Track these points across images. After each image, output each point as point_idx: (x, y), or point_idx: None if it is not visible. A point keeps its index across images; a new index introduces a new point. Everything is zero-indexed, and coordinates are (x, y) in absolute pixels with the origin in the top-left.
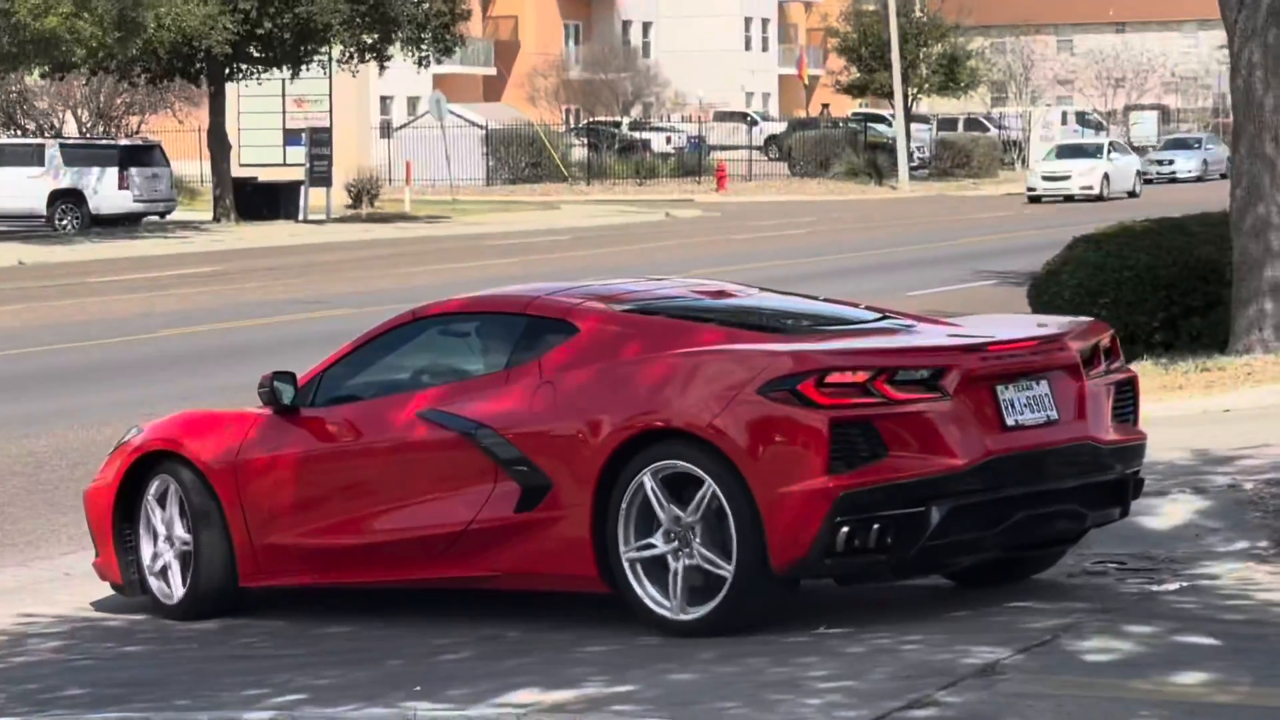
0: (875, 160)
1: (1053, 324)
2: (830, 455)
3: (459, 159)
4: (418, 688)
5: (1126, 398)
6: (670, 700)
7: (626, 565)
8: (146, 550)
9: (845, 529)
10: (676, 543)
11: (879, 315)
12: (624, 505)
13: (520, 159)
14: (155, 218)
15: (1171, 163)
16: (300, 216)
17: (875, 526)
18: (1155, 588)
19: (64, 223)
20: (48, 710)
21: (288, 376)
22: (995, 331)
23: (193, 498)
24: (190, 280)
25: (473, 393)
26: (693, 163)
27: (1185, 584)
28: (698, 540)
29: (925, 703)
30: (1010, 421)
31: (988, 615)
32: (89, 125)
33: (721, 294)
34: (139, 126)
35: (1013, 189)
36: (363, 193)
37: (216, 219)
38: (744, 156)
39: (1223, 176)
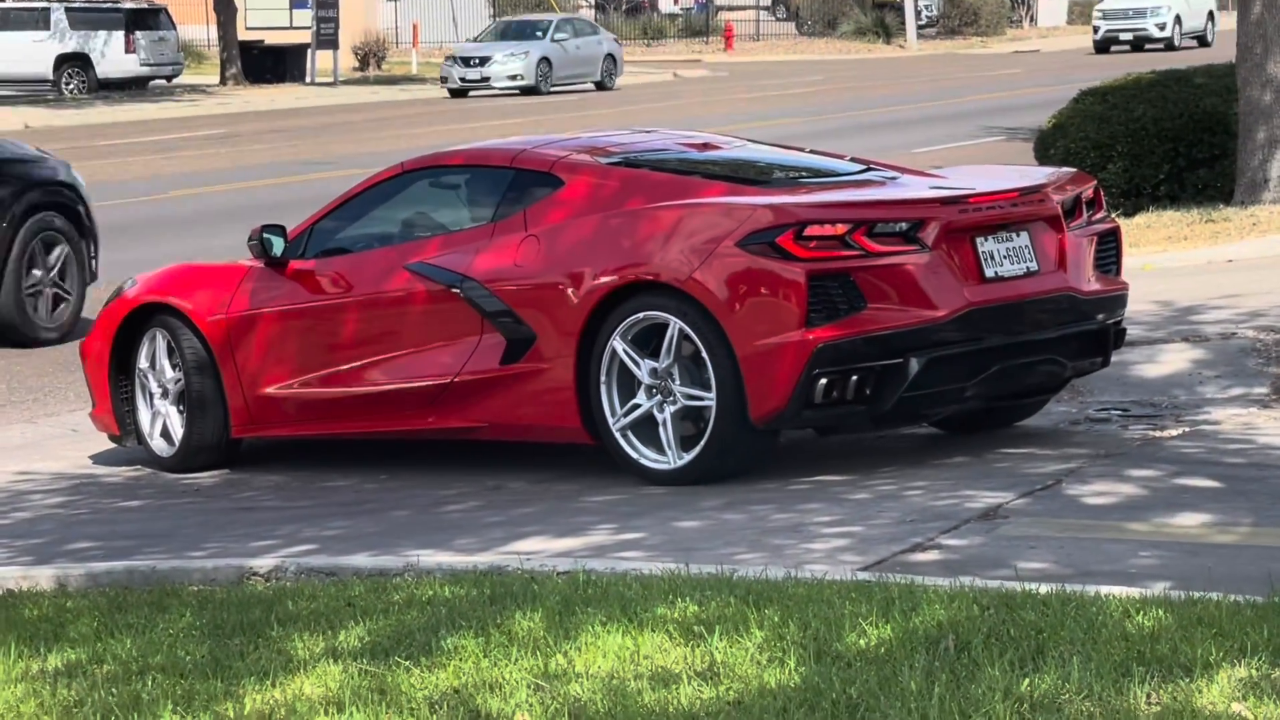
0: (883, 19)
1: (1034, 175)
2: (808, 308)
3: (466, 21)
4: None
5: (1109, 249)
6: (676, 546)
7: (618, 435)
8: (141, 402)
9: (823, 381)
10: (660, 396)
11: (863, 167)
12: (603, 375)
13: None
14: (162, 81)
15: None
16: (307, 79)
17: (854, 378)
18: (1157, 433)
19: (70, 87)
20: (54, 562)
21: (277, 229)
22: (977, 183)
23: (185, 350)
24: (197, 143)
25: (459, 246)
26: (700, 23)
27: (1187, 429)
28: (676, 392)
29: (928, 546)
30: (990, 273)
31: (990, 461)
32: None
33: (707, 146)
34: None
35: (1021, 47)
36: (370, 55)
37: (223, 82)
38: (752, 17)
39: None
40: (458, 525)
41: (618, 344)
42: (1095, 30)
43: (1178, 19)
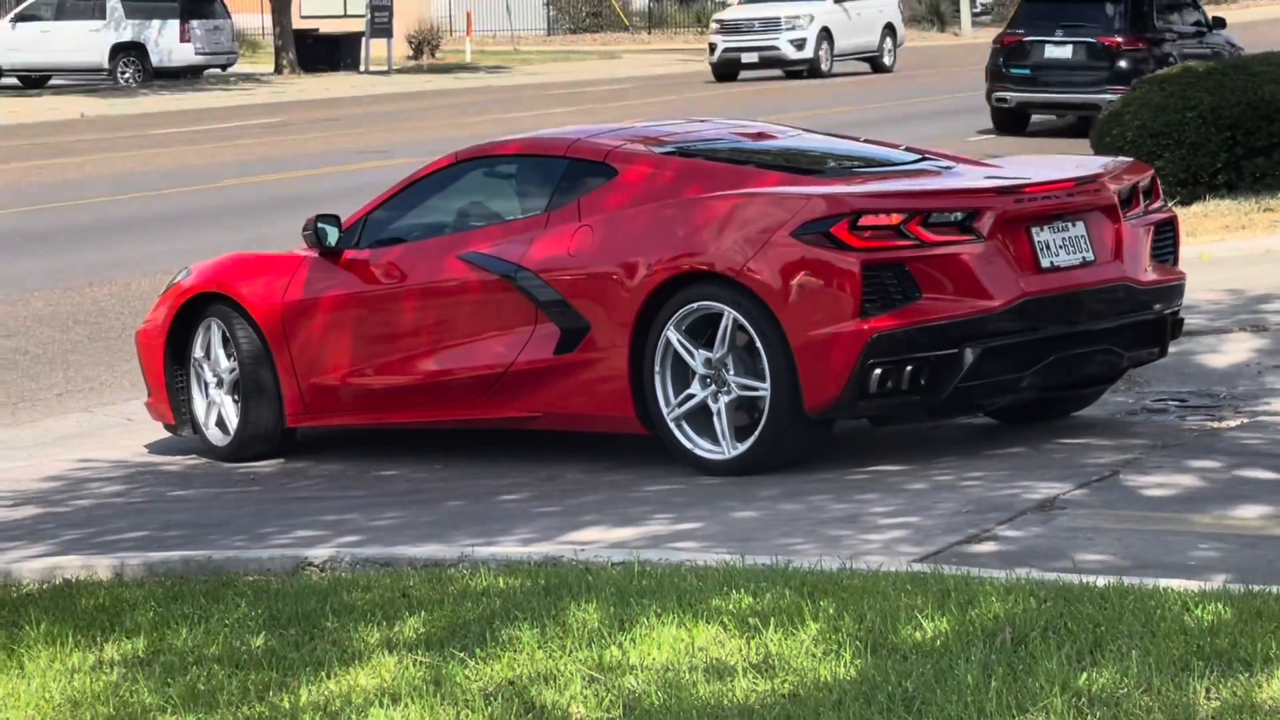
0: (938, 6)
1: (1091, 165)
2: (863, 298)
3: (520, 9)
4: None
5: (1166, 238)
6: (733, 536)
7: (672, 425)
8: (197, 391)
9: (878, 371)
10: (714, 386)
11: (918, 157)
12: (657, 365)
13: (581, 9)
14: (217, 70)
15: None
16: (361, 68)
17: (909, 368)
18: (1216, 424)
19: (125, 76)
20: (111, 551)
21: (332, 219)
22: (1032, 173)
23: (240, 339)
24: (252, 131)
25: (513, 235)
26: None
27: (1246, 420)
28: (731, 372)
29: (984, 537)
30: (1045, 263)
31: (1048, 452)
32: None
33: (762, 135)
34: None
35: None
36: (424, 44)
37: (278, 71)
38: None
39: None
40: (512, 515)
41: (672, 334)
42: (712, 50)
43: (826, 34)
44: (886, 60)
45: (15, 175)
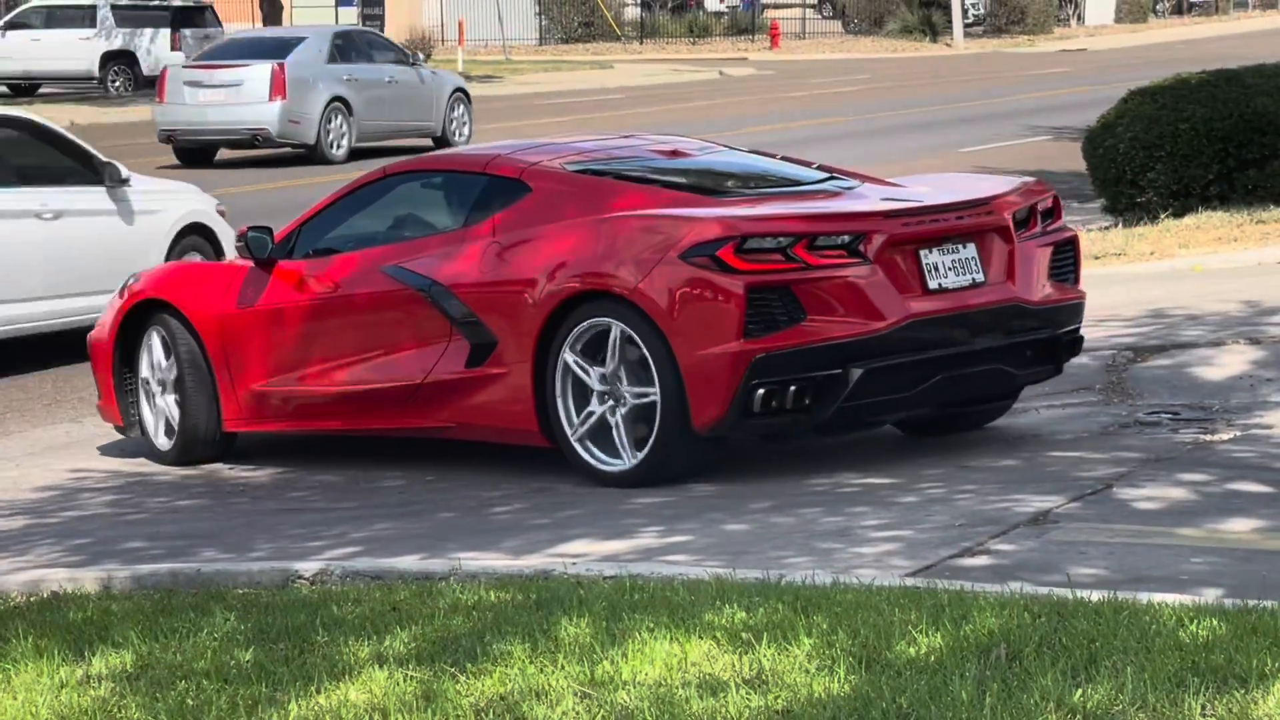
0: (929, 17)
1: (988, 186)
2: (746, 320)
3: (512, 18)
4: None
5: (1065, 258)
6: (724, 549)
7: (577, 445)
8: (144, 396)
9: (762, 391)
10: (612, 401)
11: (825, 176)
12: (558, 381)
13: (573, 18)
14: None
15: None
16: None
17: (793, 388)
18: (1208, 437)
19: (116, 84)
20: (101, 563)
21: (263, 230)
22: (926, 195)
23: (179, 346)
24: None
25: (431, 250)
26: (746, 21)
27: (1239, 433)
28: (625, 386)
29: (977, 551)
30: (933, 284)
31: (1040, 465)
32: None
33: (677, 153)
34: None
35: (1068, 45)
36: (415, 52)
37: None
38: (798, 15)
39: None
40: (504, 527)
41: (568, 354)
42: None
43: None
44: None
45: None
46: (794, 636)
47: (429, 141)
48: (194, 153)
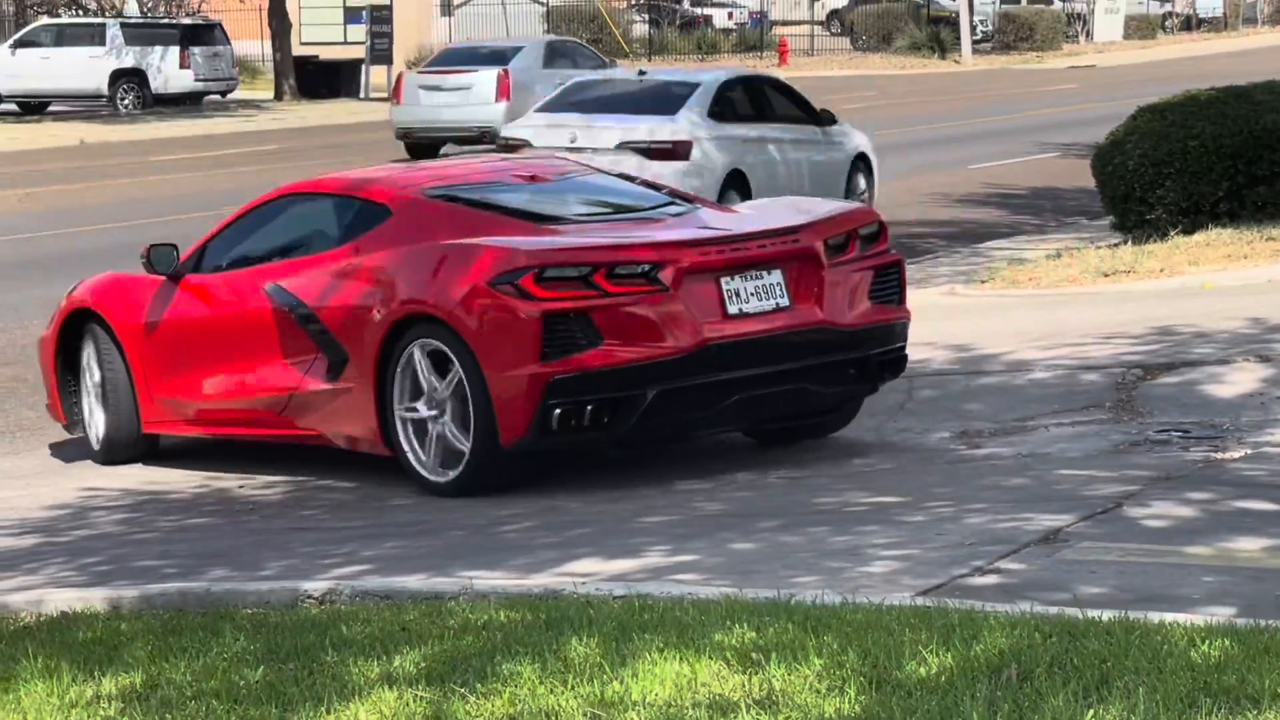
0: (938, 34)
1: (807, 213)
2: (543, 344)
3: (520, 36)
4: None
5: (886, 281)
6: (733, 569)
7: (398, 421)
8: (84, 397)
9: (559, 410)
10: (435, 410)
11: (665, 202)
12: (398, 371)
13: (581, 37)
14: (217, 97)
15: None
16: (362, 94)
17: (589, 408)
18: (1219, 455)
19: (126, 102)
20: (111, 582)
21: (169, 247)
22: (745, 223)
23: (102, 352)
24: (252, 158)
25: (304, 269)
26: (754, 38)
27: (1249, 451)
28: (447, 415)
29: (987, 570)
30: (733, 309)
31: (1050, 484)
32: (150, 5)
33: (535, 178)
34: (200, 5)
35: (1077, 62)
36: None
37: (278, 97)
38: (806, 31)
39: None
40: (513, 546)
41: (401, 369)
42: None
43: None
44: None
45: (15, 202)
46: (804, 656)
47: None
48: (423, 148)
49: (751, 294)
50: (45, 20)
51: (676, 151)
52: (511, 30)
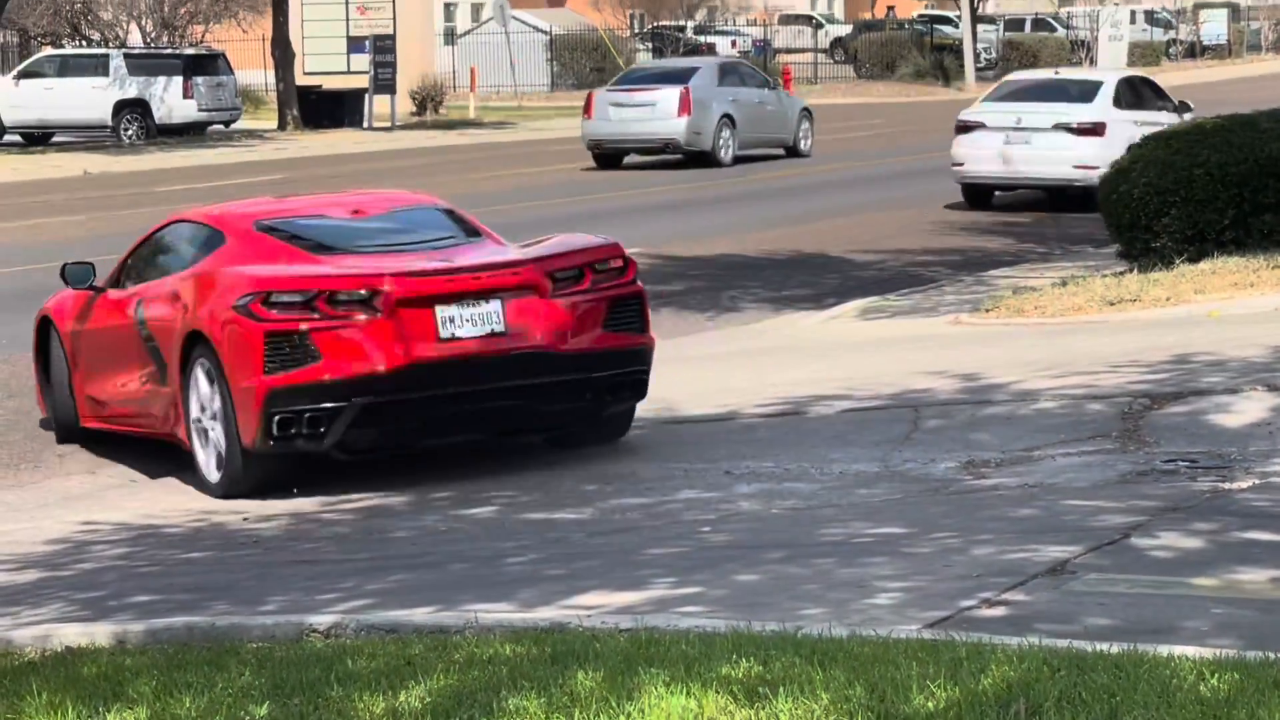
0: (942, 62)
1: (551, 249)
2: (265, 359)
3: (523, 65)
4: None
5: (624, 310)
6: (738, 601)
7: (193, 428)
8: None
9: (278, 418)
10: (212, 418)
11: (445, 236)
12: (190, 381)
13: (584, 65)
14: (220, 127)
15: None
16: (365, 124)
17: (307, 416)
18: (1227, 485)
19: (129, 132)
20: (113, 617)
21: (83, 266)
22: (481, 257)
23: (53, 355)
24: (256, 188)
25: (155, 289)
26: (758, 66)
27: (1257, 481)
28: (219, 422)
29: (995, 602)
30: (445, 334)
31: (1058, 514)
32: (153, 35)
33: (358, 212)
34: (203, 36)
35: None
36: (427, 100)
37: (281, 127)
38: (809, 59)
39: None
40: (518, 579)
41: (192, 380)
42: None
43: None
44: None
45: (18, 233)
46: (811, 690)
47: (781, 151)
48: (609, 157)
49: (466, 320)
50: (49, 51)
51: (1096, 130)
52: (516, 62)
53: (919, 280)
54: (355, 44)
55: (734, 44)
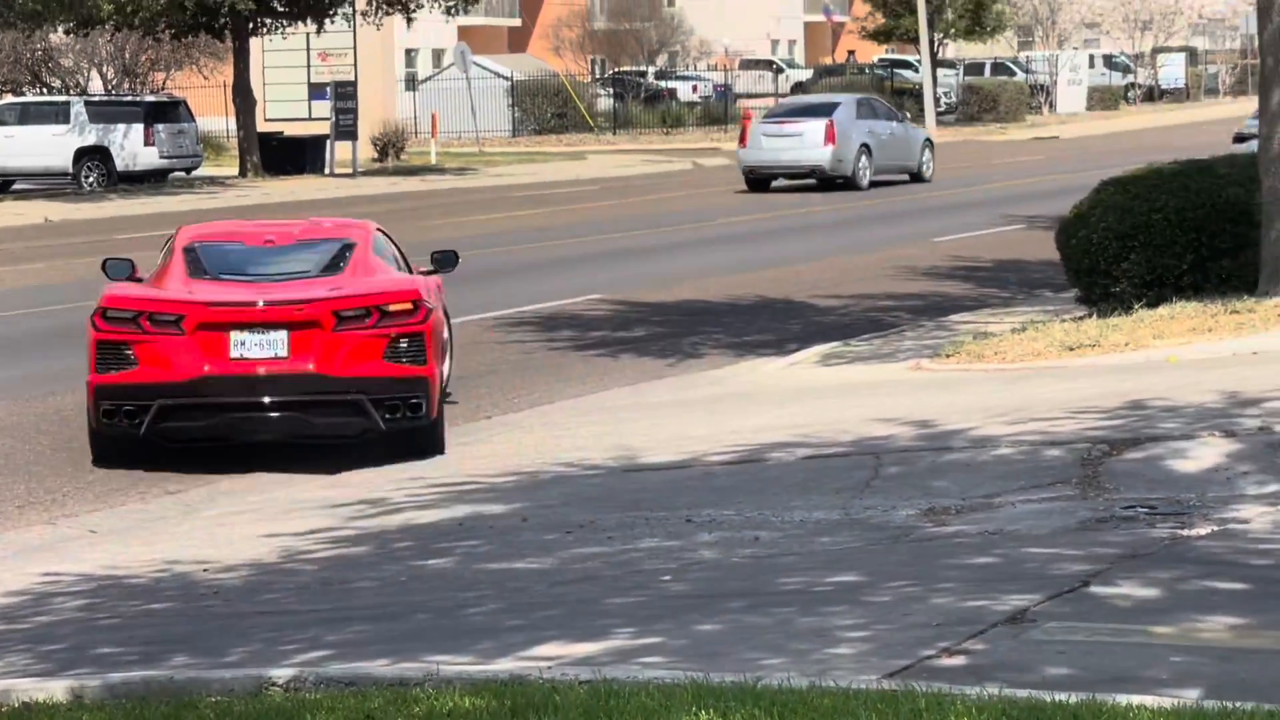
0: (901, 105)
1: (356, 288)
2: (96, 362)
3: (485, 111)
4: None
5: (406, 345)
6: (699, 652)
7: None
8: None
9: (104, 408)
10: None
11: (305, 270)
12: None
13: (546, 110)
14: (181, 174)
15: None
16: (326, 170)
17: (125, 408)
18: (1185, 531)
19: (90, 180)
20: (72, 670)
21: (122, 261)
22: (293, 293)
23: None
24: None
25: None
26: (719, 111)
27: (1215, 528)
28: None
29: (955, 651)
30: (235, 354)
31: (1017, 562)
32: (114, 82)
33: (269, 242)
34: (164, 83)
35: (1041, 133)
36: (389, 146)
37: (243, 174)
38: (770, 104)
39: None
40: (478, 629)
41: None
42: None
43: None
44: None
45: None
46: None
47: (906, 177)
48: (760, 182)
49: (256, 345)
50: (10, 99)
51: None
52: (477, 107)
53: (879, 325)
54: (317, 90)
55: (695, 89)
